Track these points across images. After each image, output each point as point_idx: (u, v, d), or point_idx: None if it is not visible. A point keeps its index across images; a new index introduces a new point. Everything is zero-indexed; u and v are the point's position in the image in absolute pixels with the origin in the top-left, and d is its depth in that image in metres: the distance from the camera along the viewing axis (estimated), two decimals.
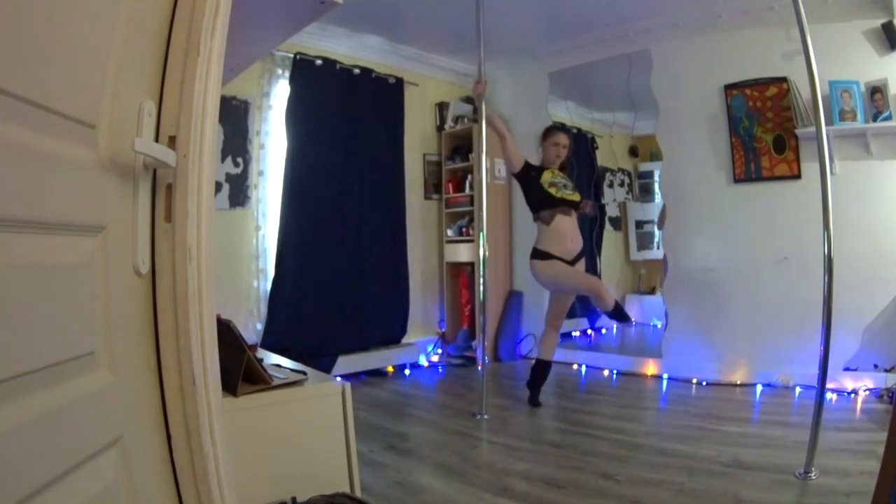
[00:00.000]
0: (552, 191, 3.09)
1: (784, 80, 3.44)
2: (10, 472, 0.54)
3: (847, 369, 3.23)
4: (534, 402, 3.23)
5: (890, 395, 2.98)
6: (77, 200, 0.68)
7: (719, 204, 3.77)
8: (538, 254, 3.13)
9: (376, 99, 4.24)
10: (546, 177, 3.13)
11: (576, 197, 3.14)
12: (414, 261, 4.52)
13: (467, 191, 4.60)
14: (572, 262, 3.09)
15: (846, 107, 3.23)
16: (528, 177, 3.16)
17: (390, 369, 4.16)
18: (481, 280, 3.07)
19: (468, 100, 4.84)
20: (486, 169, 3.37)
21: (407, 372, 4.20)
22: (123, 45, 0.75)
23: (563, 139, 3.20)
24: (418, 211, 4.64)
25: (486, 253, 3.15)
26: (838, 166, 3.27)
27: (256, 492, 1.27)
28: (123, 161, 0.77)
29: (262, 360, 1.46)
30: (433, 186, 4.79)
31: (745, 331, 3.63)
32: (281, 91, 3.86)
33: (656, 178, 5.11)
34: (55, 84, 0.63)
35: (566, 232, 3.09)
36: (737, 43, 3.64)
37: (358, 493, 1.46)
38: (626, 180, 5.40)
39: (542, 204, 3.13)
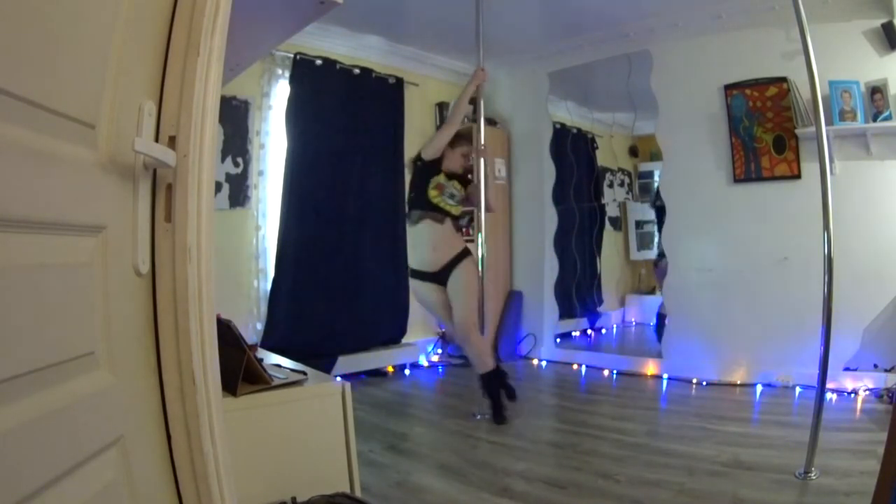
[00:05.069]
0: (432, 193, 2.92)
1: (784, 80, 3.44)
2: (10, 472, 0.54)
3: (847, 369, 3.23)
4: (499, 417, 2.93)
5: (890, 395, 2.98)
6: (77, 200, 0.68)
7: (719, 204, 3.77)
8: (410, 270, 3.07)
9: (376, 99, 4.23)
10: (438, 178, 2.94)
11: (453, 209, 2.96)
12: None
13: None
14: (439, 273, 2.94)
15: (846, 107, 3.23)
16: (426, 169, 2.97)
17: (390, 369, 4.16)
18: (481, 280, 3.07)
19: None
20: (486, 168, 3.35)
21: (407, 372, 4.20)
22: (123, 46, 0.75)
23: (468, 149, 3.06)
24: None
25: (486, 253, 3.15)
26: (838, 166, 3.27)
27: (256, 492, 1.27)
28: (123, 161, 0.77)
29: (262, 360, 1.46)
30: None
31: (745, 331, 3.63)
32: (281, 91, 3.86)
33: (656, 177, 5.11)
34: (55, 84, 0.63)
35: (429, 239, 2.92)
36: (737, 43, 3.64)
37: (358, 493, 1.46)
38: (626, 180, 5.39)
39: (415, 202, 2.98)
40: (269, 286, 3.77)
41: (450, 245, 2.95)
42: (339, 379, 1.55)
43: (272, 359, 1.82)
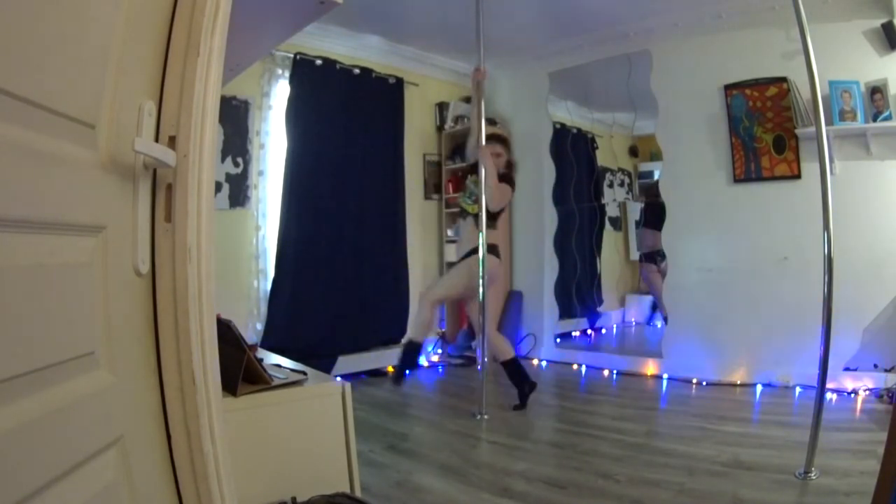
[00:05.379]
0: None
1: (784, 80, 3.44)
2: (11, 471, 0.54)
3: (847, 369, 3.23)
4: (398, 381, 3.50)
5: (890, 395, 2.98)
6: (77, 200, 0.68)
7: (719, 204, 3.77)
8: None
9: (376, 99, 4.23)
10: (467, 181, 3.36)
11: (469, 208, 3.27)
12: (414, 261, 4.52)
13: None
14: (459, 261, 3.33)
15: (846, 107, 3.23)
16: (471, 172, 3.37)
17: (390, 369, 4.15)
18: (481, 280, 3.07)
19: (468, 100, 4.83)
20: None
21: (407, 372, 4.20)
22: (123, 46, 0.75)
23: (496, 148, 3.23)
24: (418, 211, 4.64)
25: (487, 253, 3.15)
26: (838, 166, 3.27)
27: (256, 492, 1.27)
28: (123, 161, 0.77)
29: (262, 360, 1.46)
30: (433, 186, 4.79)
31: (745, 331, 3.63)
32: (281, 91, 3.86)
33: (656, 177, 5.11)
34: (55, 84, 0.63)
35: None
36: (737, 43, 3.64)
37: (358, 493, 1.46)
38: (626, 180, 5.39)
39: None
40: (269, 286, 3.77)
41: (470, 240, 3.27)
42: (339, 379, 1.55)
43: (272, 359, 1.82)
